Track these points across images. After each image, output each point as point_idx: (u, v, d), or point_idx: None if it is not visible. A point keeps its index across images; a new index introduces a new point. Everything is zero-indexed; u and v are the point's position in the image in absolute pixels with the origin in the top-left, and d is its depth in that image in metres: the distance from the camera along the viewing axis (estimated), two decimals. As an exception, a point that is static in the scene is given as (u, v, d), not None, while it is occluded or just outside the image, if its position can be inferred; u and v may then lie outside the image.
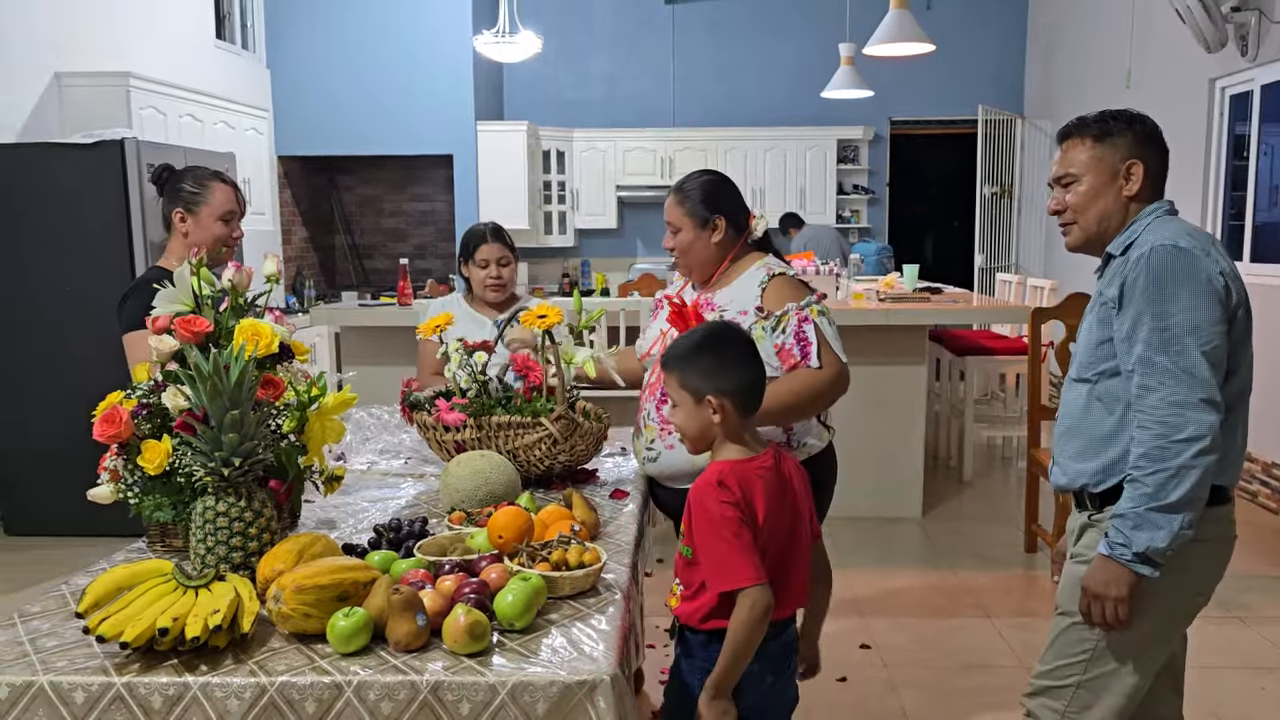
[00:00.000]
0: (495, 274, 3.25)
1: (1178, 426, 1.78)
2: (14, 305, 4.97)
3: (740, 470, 1.82)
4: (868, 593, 4.09)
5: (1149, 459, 1.81)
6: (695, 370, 1.86)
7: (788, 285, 2.45)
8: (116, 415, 1.85)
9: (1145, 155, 1.96)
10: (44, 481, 4.95)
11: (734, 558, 1.75)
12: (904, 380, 4.97)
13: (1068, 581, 2.02)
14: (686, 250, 2.52)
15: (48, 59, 5.68)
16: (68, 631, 1.58)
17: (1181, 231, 1.88)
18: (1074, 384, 2.02)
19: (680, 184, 2.55)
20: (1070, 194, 2.00)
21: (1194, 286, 1.81)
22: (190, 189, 2.77)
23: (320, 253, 9.24)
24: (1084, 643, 1.96)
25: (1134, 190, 1.96)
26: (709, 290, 2.54)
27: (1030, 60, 9.21)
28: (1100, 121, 1.98)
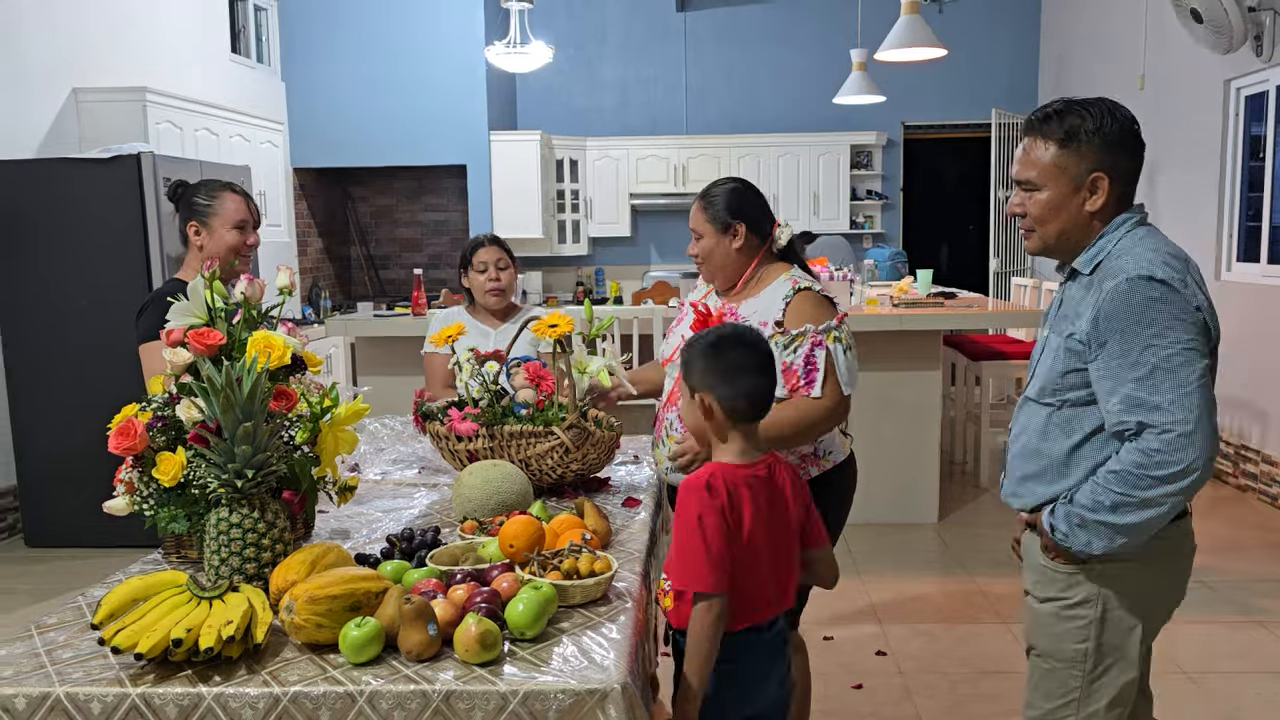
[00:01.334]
0: (494, 276, 3.26)
1: (1161, 463, 1.72)
2: (34, 318, 5.02)
3: (731, 475, 1.83)
4: (884, 599, 4.07)
5: (1120, 479, 1.77)
6: (696, 366, 1.89)
7: (811, 302, 2.41)
8: (131, 428, 1.87)
9: (1112, 165, 1.83)
10: (63, 493, 5.00)
11: (700, 563, 1.76)
12: (919, 386, 4.96)
13: (1034, 621, 1.99)
14: (708, 256, 2.51)
15: (66, 75, 5.75)
16: (84, 643, 1.59)
17: (1158, 257, 1.78)
18: (1032, 404, 1.95)
19: (705, 190, 2.54)
20: (1030, 201, 1.88)
21: (1178, 321, 1.73)
22: (202, 201, 2.81)
23: (336, 264, 9.30)
24: (1071, 680, 1.92)
25: (1097, 205, 1.84)
26: (734, 299, 2.52)
27: (1044, 63, 9.18)
28: (1065, 121, 1.82)
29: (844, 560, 4.52)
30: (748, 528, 1.82)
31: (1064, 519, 1.86)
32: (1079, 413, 1.86)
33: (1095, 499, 1.80)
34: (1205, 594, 4.11)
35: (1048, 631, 1.95)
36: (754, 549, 1.84)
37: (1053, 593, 1.93)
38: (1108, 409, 1.79)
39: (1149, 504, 1.75)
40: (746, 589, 1.84)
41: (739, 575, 1.82)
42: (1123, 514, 1.77)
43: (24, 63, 5.42)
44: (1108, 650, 1.89)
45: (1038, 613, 1.97)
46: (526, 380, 2.46)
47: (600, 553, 1.83)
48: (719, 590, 1.76)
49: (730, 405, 1.86)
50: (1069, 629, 1.91)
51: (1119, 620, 1.88)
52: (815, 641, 3.68)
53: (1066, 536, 1.85)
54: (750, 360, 1.87)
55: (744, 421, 1.88)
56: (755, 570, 1.85)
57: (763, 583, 1.87)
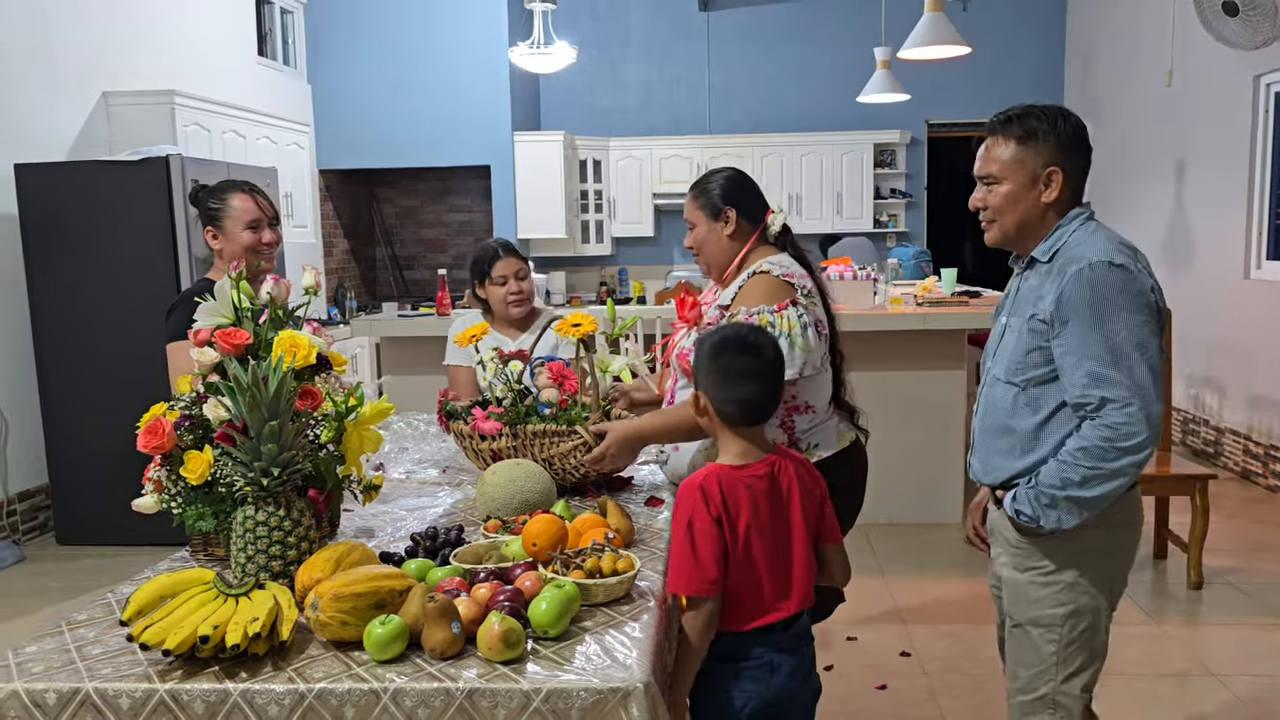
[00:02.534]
0: (515, 289, 3.18)
1: (1127, 434, 1.86)
2: (65, 319, 5.08)
3: (728, 477, 1.84)
4: (908, 600, 4.06)
5: (1088, 454, 1.89)
6: (701, 364, 1.91)
7: (762, 286, 2.36)
8: (160, 427, 1.89)
9: (1066, 162, 1.99)
10: (94, 491, 5.05)
11: (688, 566, 1.79)
12: (943, 385, 4.93)
13: (1015, 593, 2.09)
14: (701, 245, 2.52)
15: (96, 79, 5.82)
16: (112, 639, 1.61)
17: (1113, 246, 1.93)
18: (1000, 384, 2.07)
19: (697, 180, 2.56)
20: (991, 194, 2.03)
21: (1134, 303, 1.88)
22: (212, 205, 2.82)
23: (361, 264, 9.35)
24: (1050, 645, 2.03)
25: (1052, 197, 2.00)
26: (721, 288, 2.52)
27: (1069, 60, 9.11)
28: (1024, 122, 1.99)
29: (867, 560, 4.51)
30: (744, 529, 1.82)
31: (1028, 502, 1.98)
32: (1044, 390, 1.98)
33: (1063, 476, 1.92)
34: (1236, 596, 4.06)
35: (1029, 599, 2.05)
36: (752, 550, 1.84)
37: (1032, 562, 2.04)
38: (1070, 383, 1.92)
39: (1116, 474, 1.89)
40: (747, 589, 1.85)
41: (738, 576, 1.83)
42: (1091, 487, 1.90)
43: (55, 67, 5.49)
44: (1083, 612, 2.01)
45: (1018, 583, 2.07)
46: (550, 379, 2.47)
47: (623, 551, 1.83)
48: (707, 593, 1.78)
49: (722, 409, 1.87)
50: (1048, 594, 2.03)
51: (1091, 582, 2.01)
52: (839, 642, 3.67)
53: (1034, 519, 1.97)
54: (750, 366, 1.87)
55: (739, 425, 1.88)
56: (753, 571, 1.85)
57: (764, 582, 1.87)
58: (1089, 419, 1.91)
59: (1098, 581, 2.02)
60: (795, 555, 1.91)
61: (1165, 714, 3.13)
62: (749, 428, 1.89)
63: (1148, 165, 7.34)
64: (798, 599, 1.92)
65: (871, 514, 4.91)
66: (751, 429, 1.90)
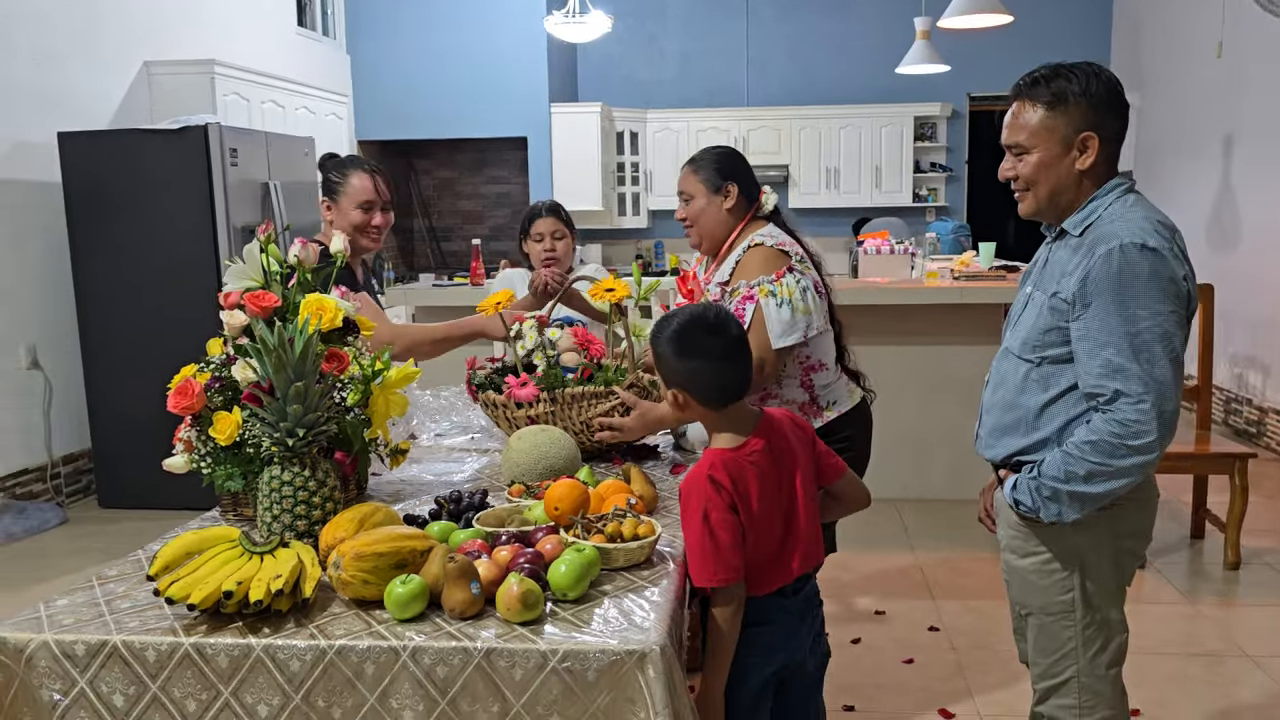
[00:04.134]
0: (549, 246, 3.32)
1: (1138, 433, 1.77)
2: (107, 286, 5.16)
3: (732, 461, 1.80)
4: (938, 575, 4.04)
5: (1096, 449, 1.80)
6: (664, 361, 1.84)
7: (759, 257, 2.43)
8: (189, 388, 1.92)
9: (1101, 125, 1.85)
10: (135, 456, 5.14)
11: (710, 559, 1.75)
12: (978, 359, 4.83)
13: (1020, 580, 2.04)
14: (698, 217, 2.54)
15: (137, 48, 5.88)
16: (141, 594, 1.65)
17: (1149, 225, 1.80)
18: (1012, 358, 1.99)
19: (693, 156, 2.59)
20: (1021, 163, 1.91)
21: (1163, 291, 1.76)
22: (334, 177, 2.87)
23: (399, 235, 9.41)
24: (1066, 630, 1.97)
25: (1087, 164, 1.86)
26: (715, 266, 2.56)
27: (1116, 30, 8.91)
28: (1053, 84, 1.85)
29: (898, 535, 4.49)
30: (757, 506, 1.80)
31: (1028, 493, 1.91)
32: (1057, 370, 1.89)
33: (1067, 469, 1.83)
34: (1274, 577, 4.00)
35: (1034, 587, 2.00)
36: (768, 522, 1.83)
37: (1032, 548, 1.98)
38: (1085, 370, 1.82)
39: (1122, 473, 1.80)
40: (765, 556, 1.84)
41: (757, 548, 1.82)
42: (1096, 483, 1.82)
43: (98, 37, 5.56)
44: (1093, 596, 1.95)
45: (1021, 570, 2.02)
46: (574, 343, 2.48)
47: (645, 517, 1.83)
48: (733, 581, 1.76)
49: (702, 397, 1.82)
50: (1054, 581, 1.96)
51: (1097, 566, 1.94)
52: (867, 616, 3.67)
53: (1034, 509, 1.90)
54: (715, 346, 1.81)
55: (722, 407, 1.84)
56: (771, 540, 1.84)
57: (780, 549, 1.86)
58: (1100, 411, 1.81)
59: (1104, 564, 1.94)
60: (801, 517, 1.89)
61: (1197, 694, 3.09)
62: (733, 406, 1.85)
63: (1195, 139, 7.18)
64: (805, 559, 1.91)
65: (903, 489, 4.93)
66: (737, 406, 1.85)
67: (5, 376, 4.98)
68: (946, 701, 3.03)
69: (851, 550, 3.94)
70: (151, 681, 1.49)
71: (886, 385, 4.49)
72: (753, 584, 1.82)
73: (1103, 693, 1.98)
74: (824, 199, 9.31)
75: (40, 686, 1.51)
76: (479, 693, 1.46)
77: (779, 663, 1.89)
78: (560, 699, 1.45)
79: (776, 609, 1.88)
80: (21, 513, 4.86)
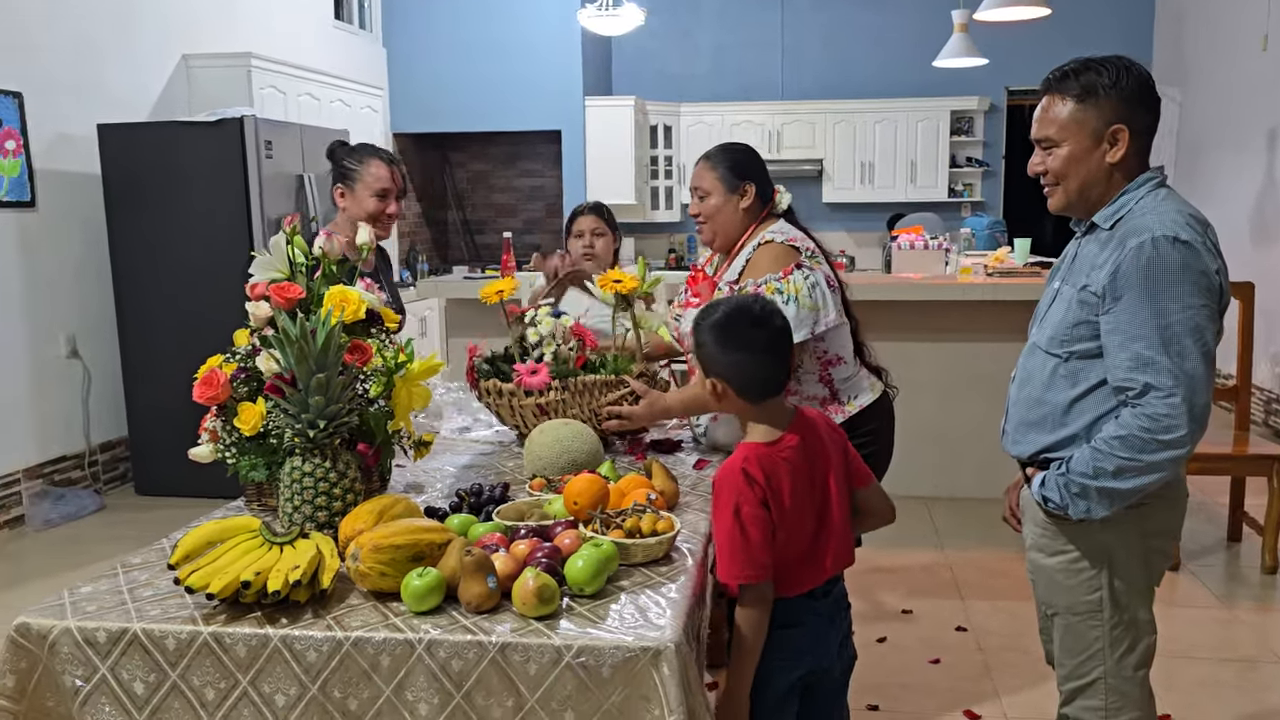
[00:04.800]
0: (588, 243, 3.40)
1: (1168, 427, 1.74)
2: (144, 275, 5.23)
3: (766, 456, 1.78)
4: (967, 574, 4.00)
5: (1126, 444, 1.78)
6: (705, 348, 1.83)
7: (769, 255, 2.42)
8: (214, 378, 1.93)
9: (1131, 118, 1.83)
10: (170, 444, 5.18)
11: (739, 555, 1.74)
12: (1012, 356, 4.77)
13: (1046, 580, 2.01)
14: (713, 215, 2.52)
15: (176, 42, 5.94)
16: (163, 582, 1.66)
17: (1181, 219, 1.78)
18: (1040, 353, 1.96)
19: (709, 152, 2.56)
20: (1051, 158, 1.89)
21: (1195, 284, 1.74)
22: (349, 164, 2.89)
23: (433, 228, 9.45)
24: (1093, 630, 1.94)
25: (1118, 157, 1.84)
26: (728, 262, 2.54)
27: (1159, 22, 8.75)
28: (1082, 77, 1.84)
29: (927, 533, 4.45)
30: (789, 503, 1.78)
31: (1056, 490, 1.88)
32: (1085, 365, 1.87)
33: (1096, 465, 1.81)
34: (1312, 582, 3.92)
35: (1061, 586, 1.97)
36: (800, 520, 1.81)
37: (1059, 546, 1.95)
38: (1114, 364, 1.80)
39: (1153, 468, 1.78)
40: (795, 557, 1.82)
41: (788, 547, 1.80)
42: (1125, 479, 1.79)
43: (137, 30, 5.62)
44: (1121, 595, 1.92)
45: (1048, 569, 1.99)
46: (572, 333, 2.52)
47: (664, 513, 1.83)
48: (762, 579, 1.75)
49: (742, 388, 1.81)
50: (1081, 580, 1.94)
51: (1125, 565, 1.91)
52: (894, 614, 3.64)
53: (1062, 507, 1.88)
54: (759, 338, 1.79)
55: (760, 400, 1.82)
56: (802, 540, 1.83)
57: (811, 549, 1.85)
58: (1129, 405, 1.78)
59: (1132, 563, 1.91)
60: (834, 517, 1.88)
61: (1229, 700, 3.04)
62: (771, 399, 1.84)
63: (1239, 133, 7.03)
64: (836, 561, 1.90)
65: (933, 486, 4.88)
66: (774, 400, 1.84)
67: (46, 365, 5.07)
68: (973, 703, 3.00)
69: (879, 548, 3.92)
70: (171, 670, 1.50)
71: (918, 381, 4.46)
72: (783, 584, 1.81)
73: (1130, 694, 1.95)
74: (858, 194, 9.23)
75: (63, 673, 1.53)
76: (493, 687, 1.46)
77: (806, 666, 1.87)
78: (574, 694, 1.45)
79: (806, 611, 1.87)
80: (60, 499, 4.94)
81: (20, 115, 4.86)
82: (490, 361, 2.53)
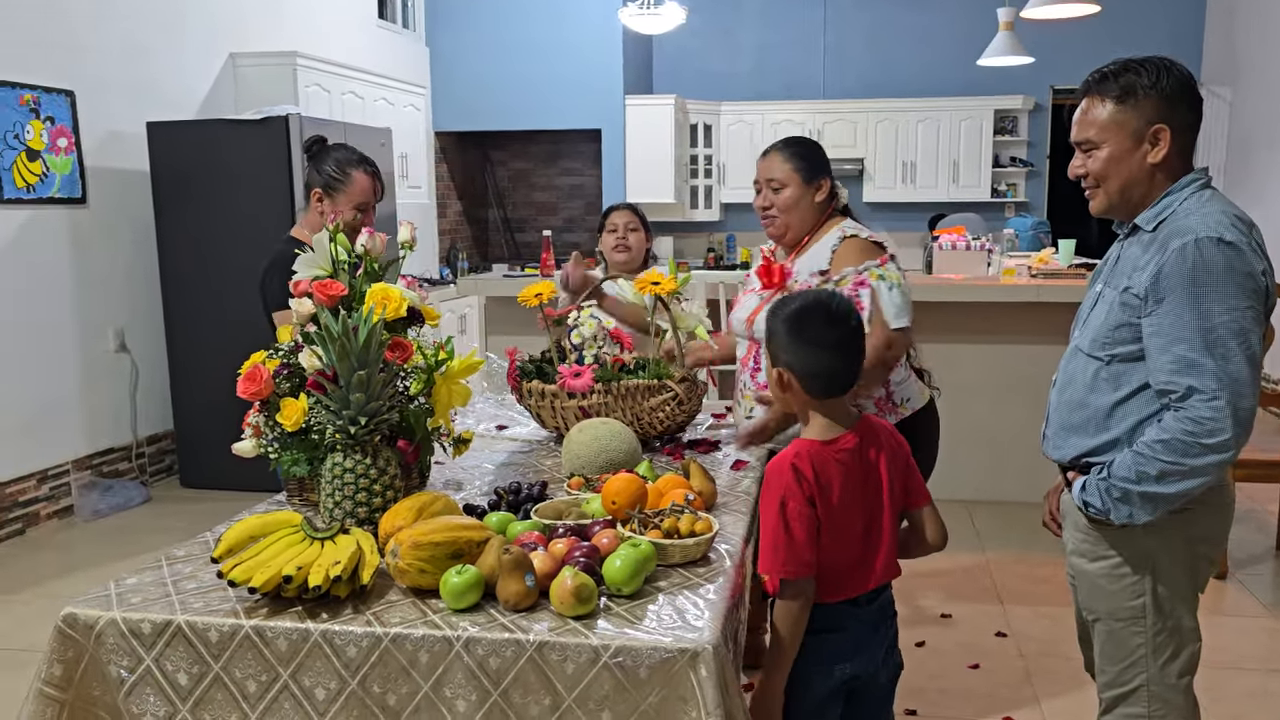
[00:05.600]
0: (622, 236, 3.46)
1: (1212, 431, 1.71)
2: (191, 272, 5.31)
3: (819, 454, 1.78)
4: (1008, 580, 3.95)
5: (1169, 448, 1.75)
6: (777, 337, 1.83)
7: (856, 248, 2.44)
8: (258, 374, 1.95)
9: (1172, 118, 1.80)
10: (214, 438, 5.25)
11: (782, 550, 1.73)
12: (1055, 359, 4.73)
13: (1088, 585, 1.98)
14: (789, 207, 2.50)
15: (223, 41, 6.02)
16: (206, 575, 1.69)
17: (1225, 219, 1.75)
18: (1081, 356, 1.93)
19: (784, 141, 2.55)
20: (1091, 159, 1.87)
21: (1240, 285, 1.71)
22: (333, 174, 2.87)
23: (474, 226, 9.50)
24: (1136, 637, 1.91)
25: (1159, 157, 1.82)
26: (794, 256, 2.55)
27: (1210, 19, 8.58)
28: (1121, 78, 1.82)
29: (969, 537, 4.40)
30: (838, 504, 1.77)
31: (1098, 494, 1.85)
32: (1128, 368, 1.84)
33: (1139, 469, 1.78)
34: (1365, 592, 3.83)
35: (1103, 591, 1.94)
36: (847, 523, 1.80)
37: (1101, 551, 1.92)
38: (1156, 366, 1.77)
39: (1196, 472, 1.75)
40: (841, 563, 1.80)
41: (832, 550, 1.78)
42: (1168, 483, 1.76)
43: (185, 29, 5.71)
44: (1165, 601, 1.88)
45: (1090, 574, 1.96)
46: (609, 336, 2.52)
47: (703, 514, 1.82)
48: (803, 575, 1.74)
49: (807, 382, 1.80)
50: (1124, 586, 1.91)
51: (1169, 571, 1.88)
52: (933, 618, 3.60)
53: (1104, 511, 1.86)
54: (830, 335, 1.79)
55: (824, 397, 1.82)
56: (849, 544, 1.81)
57: (857, 555, 1.83)
58: (1172, 409, 1.75)
59: (1176, 569, 1.88)
60: (884, 526, 1.87)
61: (1278, 712, 2.97)
62: (834, 399, 1.83)
63: (1293, 134, 6.90)
64: (883, 570, 1.88)
65: (975, 490, 4.83)
66: (837, 400, 1.83)
67: (95, 359, 5.16)
68: (1012, 709, 2.96)
69: (919, 551, 3.88)
70: (214, 662, 1.52)
71: (959, 384, 4.41)
72: (825, 589, 1.79)
73: (1173, 702, 1.92)
74: (900, 193, 9.15)
75: (109, 663, 1.55)
76: (531, 685, 1.46)
77: (848, 673, 1.86)
78: (611, 695, 1.45)
79: (847, 617, 1.85)
80: (108, 490, 5.03)
81: (72, 114, 4.95)
82: (534, 362, 2.55)
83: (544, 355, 2.61)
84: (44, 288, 4.83)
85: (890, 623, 1.97)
